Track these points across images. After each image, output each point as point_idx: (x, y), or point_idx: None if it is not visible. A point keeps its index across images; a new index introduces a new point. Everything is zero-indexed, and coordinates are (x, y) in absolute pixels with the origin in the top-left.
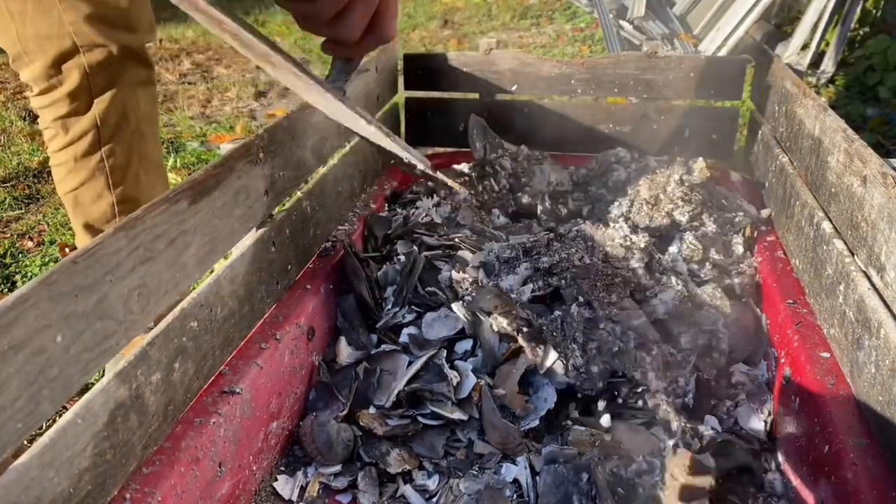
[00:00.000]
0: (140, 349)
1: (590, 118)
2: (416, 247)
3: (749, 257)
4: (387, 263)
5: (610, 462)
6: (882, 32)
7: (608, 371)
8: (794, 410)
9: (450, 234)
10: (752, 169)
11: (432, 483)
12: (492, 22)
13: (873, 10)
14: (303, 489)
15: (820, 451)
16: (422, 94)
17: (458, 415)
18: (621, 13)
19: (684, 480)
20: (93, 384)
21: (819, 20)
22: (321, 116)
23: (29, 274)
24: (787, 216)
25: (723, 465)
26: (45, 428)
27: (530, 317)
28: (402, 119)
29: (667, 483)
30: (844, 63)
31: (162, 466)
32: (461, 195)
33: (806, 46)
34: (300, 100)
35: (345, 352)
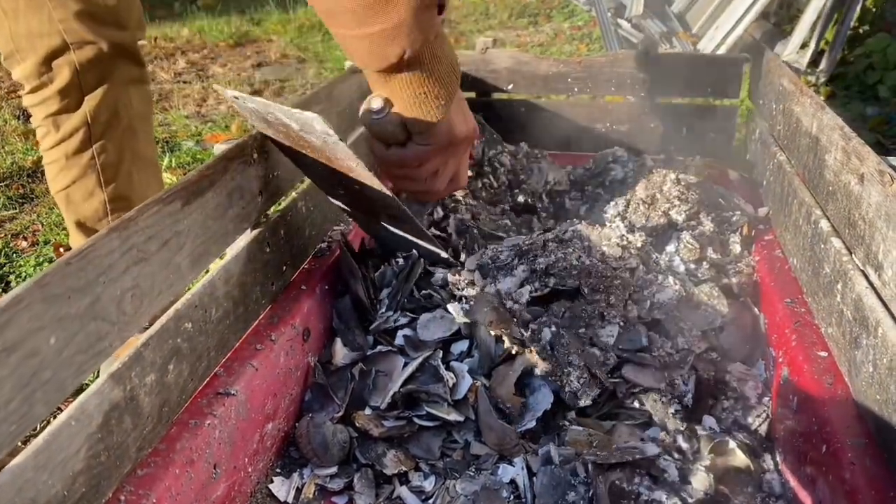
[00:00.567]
0: (134, 350)
1: (587, 117)
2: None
3: (747, 256)
4: (384, 265)
5: (613, 473)
6: (882, 31)
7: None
8: (792, 410)
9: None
10: (750, 167)
11: (429, 484)
12: (489, 20)
13: (873, 9)
14: (298, 491)
15: (818, 451)
16: None
17: (455, 416)
18: (619, 11)
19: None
20: (87, 385)
21: (818, 18)
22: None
23: (23, 274)
24: (785, 214)
25: (721, 465)
26: (39, 430)
27: (523, 336)
28: None
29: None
30: (844, 62)
31: (157, 468)
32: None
33: (805, 45)
34: (295, 100)
35: (340, 353)
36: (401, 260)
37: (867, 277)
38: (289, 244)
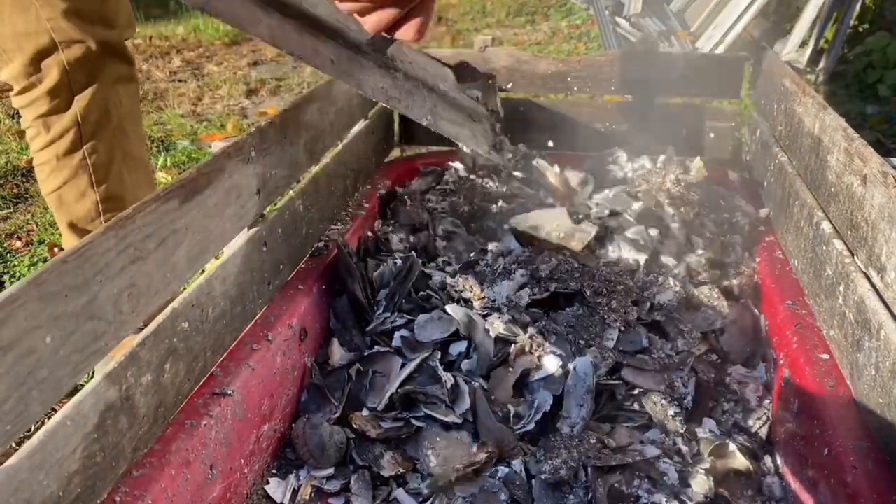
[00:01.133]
0: (130, 350)
1: (587, 117)
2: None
3: (748, 258)
4: (382, 265)
5: (612, 476)
6: (882, 29)
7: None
8: (793, 413)
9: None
10: (751, 168)
11: (426, 487)
12: (486, 19)
13: (873, 7)
14: (295, 492)
15: (819, 454)
16: None
17: (453, 418)
18: (618, 10)
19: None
20: (83, 385)
21: (818, 17)
22: (313, 115)
23: (17, 274)
24: (787, 216)
25: (721, 468)
26: (35, 430)
27: (523, 338)
28: (396, 117)
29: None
30: (844, 60)
31: (152, 469)
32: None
33: (805, 43)
34: (292, 97)
35: (337, 353)
36: (399, 261)
37: (869, 280)
38: (286, 243)
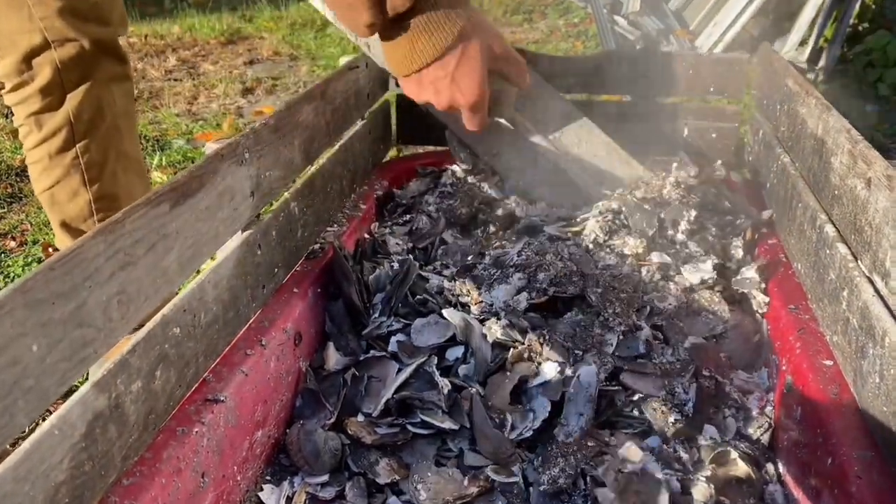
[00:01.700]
0: (120, 357)
1: (586, 116)
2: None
3: (749, 261)
4: (379, 268)
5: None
6: (882, 28)
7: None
8: (796, 420)
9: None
10: (753, 169)
11: (424, 490)
12: None
13: (872, 5)
14: (289, 499)
15: (822, 463)
16: None
17: (449, 424)
18: (616, 8)
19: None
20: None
21: (817, 15)
22: (309, 115)
23: (11, 275)
24: (789, 218)
25: (722, 476)
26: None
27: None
28: (394, 117)
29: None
30: (843, 59)
31: (142, 478)
32: None
33: (804, 42)
34: (288, 96)
35: (333, 357)
36: (395, 264)
37: (874, 285)
38: (281, 246)
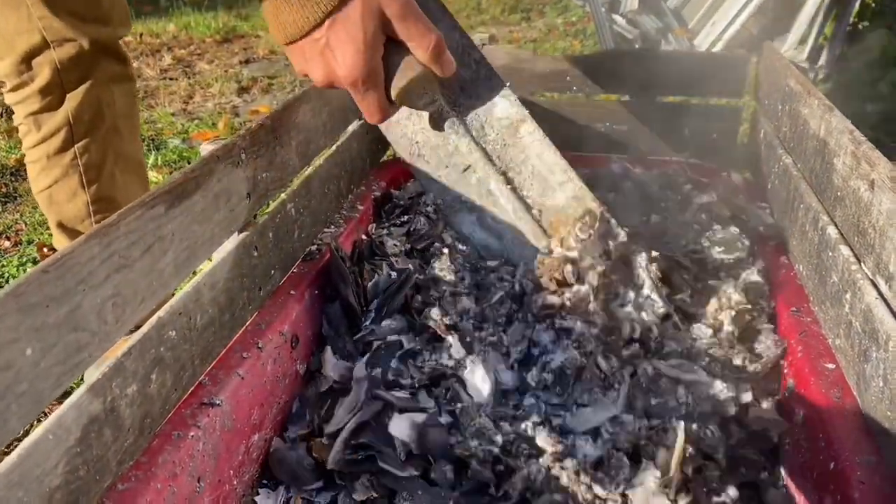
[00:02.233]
0: (115, 361)
1: (586, 117)
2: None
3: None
4: (377, 272)
5: None
6: (882, 27)
7: None
8: (798, 424)
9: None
10: (754, 170)
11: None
12: (481, 16)
13: (872, 4)
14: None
15: (825, 468)
16: None
17: (410, 471)
18: (614, 7)
19: None
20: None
21: (817, 14)
22: (306, 115)
23: (6, 275)
24: (791, 220)
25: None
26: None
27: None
28: None
29: None
30: (843, 58)
31: (138, 482)
32: None
33: (803, 41)
34: (284, 96)
35: (330, 361)
36: (394, 273)
37: (877, 288)
38: (277, 248)
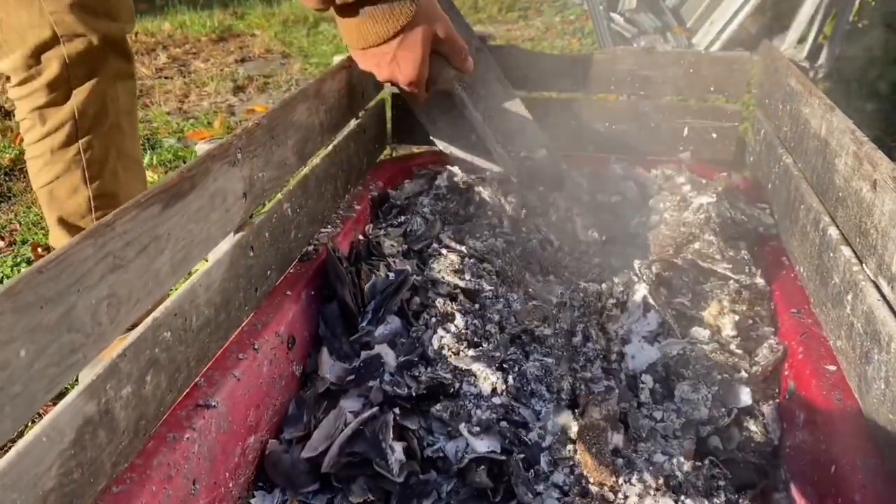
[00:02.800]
0: (109, 362)
1: (586, 116)
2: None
3: (751, 263)
4: (375, 273)
5: None
6: (881, 26)
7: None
8: (799, 426)
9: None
10: (755, 170)
11: None
12: (479, 14)
13: (872, 2)
14: None
15: (826, 471)
16: None
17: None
18: (612, 5)
19: None
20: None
21: (816, 12)
22: (302, 114)
23: (1, 275)
24: (792, 220)
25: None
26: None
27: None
28: (389, 116)
29: None
30: (843, 57)
31: (133, 485)
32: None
33: (802, 40)
34: (280, 94)
35: (327, 363)
36: (392, 274)
37: (879, 289)
38: (274, 248)
